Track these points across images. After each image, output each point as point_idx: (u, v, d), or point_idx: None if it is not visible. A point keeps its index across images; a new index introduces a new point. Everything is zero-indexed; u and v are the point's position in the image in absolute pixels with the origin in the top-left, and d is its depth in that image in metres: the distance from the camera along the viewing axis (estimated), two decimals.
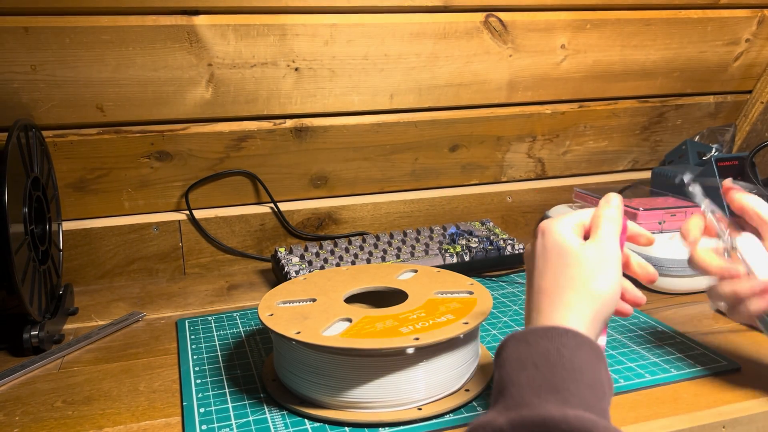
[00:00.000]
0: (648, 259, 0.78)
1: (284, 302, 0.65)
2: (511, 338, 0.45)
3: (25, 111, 0.85)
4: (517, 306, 0.81)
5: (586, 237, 0.51)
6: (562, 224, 0.50)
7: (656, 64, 1.12)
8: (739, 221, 0.58)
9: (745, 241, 0.56)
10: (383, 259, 0.90)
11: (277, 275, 0.92)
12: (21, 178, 0.74)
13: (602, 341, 0.50)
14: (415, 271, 0.74)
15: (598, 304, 0.46)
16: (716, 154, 1.07)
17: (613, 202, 0.51)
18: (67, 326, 0.81)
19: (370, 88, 0.98)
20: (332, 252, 0.92)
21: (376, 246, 0.94)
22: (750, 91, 1.22)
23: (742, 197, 0.57)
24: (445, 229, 0.99)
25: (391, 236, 0.96)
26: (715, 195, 0.59)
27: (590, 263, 0.48)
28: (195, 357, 0.70)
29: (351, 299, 0.67)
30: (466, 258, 0.93)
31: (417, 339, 0.54)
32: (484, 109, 1.07)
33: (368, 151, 1.03)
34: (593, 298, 0.46)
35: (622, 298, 0.52)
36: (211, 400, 0.61)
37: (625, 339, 0.71)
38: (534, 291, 0.49)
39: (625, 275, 0.51)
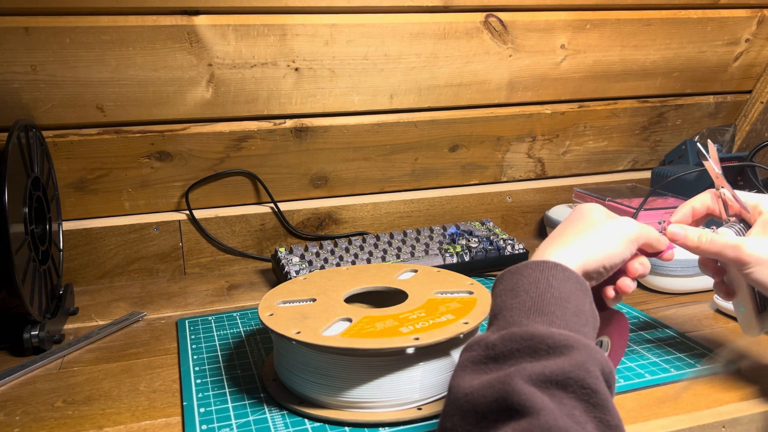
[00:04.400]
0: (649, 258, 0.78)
1: (284, 302, 0.65)
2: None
3: (26, 111, 0.85)
4: None
5: None
6: (596, 204, 0.56)
7: (656, 64, 1.12)
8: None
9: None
10: (383, 259, 0.90)
11: (277, 275, 0.92)
12: (21, 178, 0.74)
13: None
14: (415, 271, 0.74)
15: (590, 253, 0.50)
16: None
17: (664, 240, 0.56)
18: (68, 326, 0.81)
19: (370, 88, 0.98)
20: (332, 252, 0.92)
21: (376, 246, 0.94)
22: (750, 91, 1.22)
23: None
24: (445, 229, 0.99)
25: (391, 236, 0.96)
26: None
27: (599, 228, 0.52)
28: (195, 357, 0.70)
29: (351, 299, 0.67)
30: (466, 258, 0.93)
31: (417, 339, 0.54)
32: (484, 109, 1.07)
33: (368, 151, 1.03)
34: (589, 244, 0.50)
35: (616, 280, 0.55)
36: (211, 400, 0.61)
37: None
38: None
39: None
